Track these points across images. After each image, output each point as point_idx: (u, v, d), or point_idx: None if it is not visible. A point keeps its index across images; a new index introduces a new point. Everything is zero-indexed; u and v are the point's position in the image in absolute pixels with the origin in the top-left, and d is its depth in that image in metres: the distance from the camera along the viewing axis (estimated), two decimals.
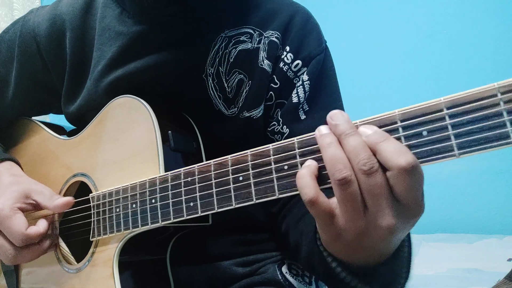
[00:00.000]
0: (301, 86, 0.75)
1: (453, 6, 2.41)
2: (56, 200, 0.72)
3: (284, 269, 0.79)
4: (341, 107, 0.78)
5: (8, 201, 0.71)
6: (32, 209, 0.74)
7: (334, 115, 0.46)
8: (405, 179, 0.42)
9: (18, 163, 0.83)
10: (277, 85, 0.76)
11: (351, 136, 0.44)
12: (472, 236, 2.08)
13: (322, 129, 0.47)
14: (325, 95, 0.77)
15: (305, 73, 0.75)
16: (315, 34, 0.78)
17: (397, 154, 0.41)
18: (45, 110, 0.98)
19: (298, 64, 0.75)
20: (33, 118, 0.95)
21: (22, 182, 0.76)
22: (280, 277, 0.78)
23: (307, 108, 0.75)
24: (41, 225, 0.72)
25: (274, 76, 0.76)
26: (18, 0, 2.25)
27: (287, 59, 0.75)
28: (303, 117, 0.75)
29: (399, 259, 0.52)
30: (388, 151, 0.42)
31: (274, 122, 0.76)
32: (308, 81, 0.75)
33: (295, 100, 0.75)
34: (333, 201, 0.46)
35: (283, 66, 0.75)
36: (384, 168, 0.43)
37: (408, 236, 0.53)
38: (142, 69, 0.76)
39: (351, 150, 0.43)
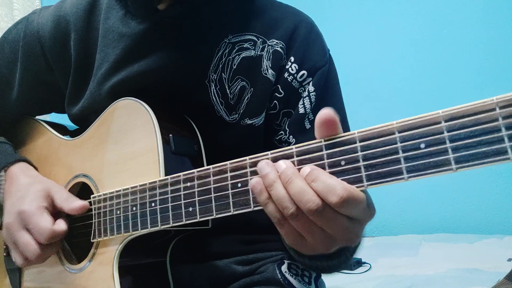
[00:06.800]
0: (307, 97, 0.76)
1: (453, 6, 2.40)
2: (72, 203, 0.73)
3: (284, 268, 0.80)
4: (344, 116, 0.79)
5: (35, 200, 0.72)
6: (52, 209, 0.75)
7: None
8: (343, 209, 0.46)
9: (31, 163, 0.84)
10: (282, 95, 0.76)
11: (291, 183, 0.48)
12: (472, 236, 2.08)
13: (262, 168, 0.50)
14: (329, 105, 0.76)
15: (310, 84, 0.76)
16: (319, 44, 0.79)
17: (327, 193, 0.46)
18: (49, 110, 0.99)
19: (303, 74, 0.76)
20: (36, 117, 0.95)
21: (42, 181, 0.77)
22: (280, 276, 0.78)
23: (312, 118, 0.75)
24: (64, 223, 0.73)
25: (278, 86, 0.76)
26: (18, 0, 2.25)
27: (292, 69, 0.76)
28: (308, 126, 0.75)
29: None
30: (319, 190, 0.46)
31: (282, 132, 0.77)
32: (314, 92, 0.76)
33: (301, 111, 0.76)
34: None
35: (287, 77, 0.76)
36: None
37: None
38: (145, 72, 0.76)
39: (295, 193, 0.47)
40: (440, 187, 2.32)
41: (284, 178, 0.48)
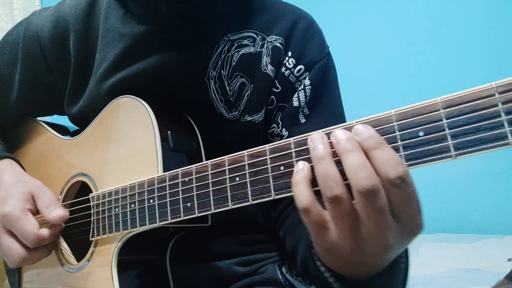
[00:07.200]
0: (302, 90, 0.75)
1: (453, 6, 2.40)
2: (52, 212, 0.70)
3: (285, 269, 0.79)
4: (341, 113, 0.79)
5: (18, 202, 0.71)
6: (35, 212, 0.73)
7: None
8: (395, 191, 0.41)
9: (18, 161, 0.83)
10: (279, 90, 0.76)
11: (351, 153, 0.42)
12: (472, 236, 2.07)
13: (314, 139, 0.45)
14: (326, 100, 0.77)
15: (307, 78, 0.75)
16: (317, 39, 0.78)
17: (389, 165, 0.40)
18: (49, 111, 0.98)
19: (300, 69, 0.75)
20: (36, 118, 0.95)
21: (25, 182, 0.75)
22: (281, 277, 0.78)
23: (307, 112, 0.75)
24: (54, 228, 0.71)
25: (275, 80, 0.76)
26: (18, 0, 2.25)
27: (289, 64, 0.75)
28: (303, 120, 0.75)
29: (395, 275, 0.51)
30: (381, 160, 0.41)
31: (274, 125, 0.77)
32: (310, 86, 0.75)
33: (295, 103, 0.75)
34: (328, 213, 0.45)
35: (284, 71, 0.76)
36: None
37: (406, 251, 0.52)
38: (145, 71, 0.75)
39: (351, 167, 0.41)
40: (440, 187, 2.32)
41: (343, 149, 0.42)
